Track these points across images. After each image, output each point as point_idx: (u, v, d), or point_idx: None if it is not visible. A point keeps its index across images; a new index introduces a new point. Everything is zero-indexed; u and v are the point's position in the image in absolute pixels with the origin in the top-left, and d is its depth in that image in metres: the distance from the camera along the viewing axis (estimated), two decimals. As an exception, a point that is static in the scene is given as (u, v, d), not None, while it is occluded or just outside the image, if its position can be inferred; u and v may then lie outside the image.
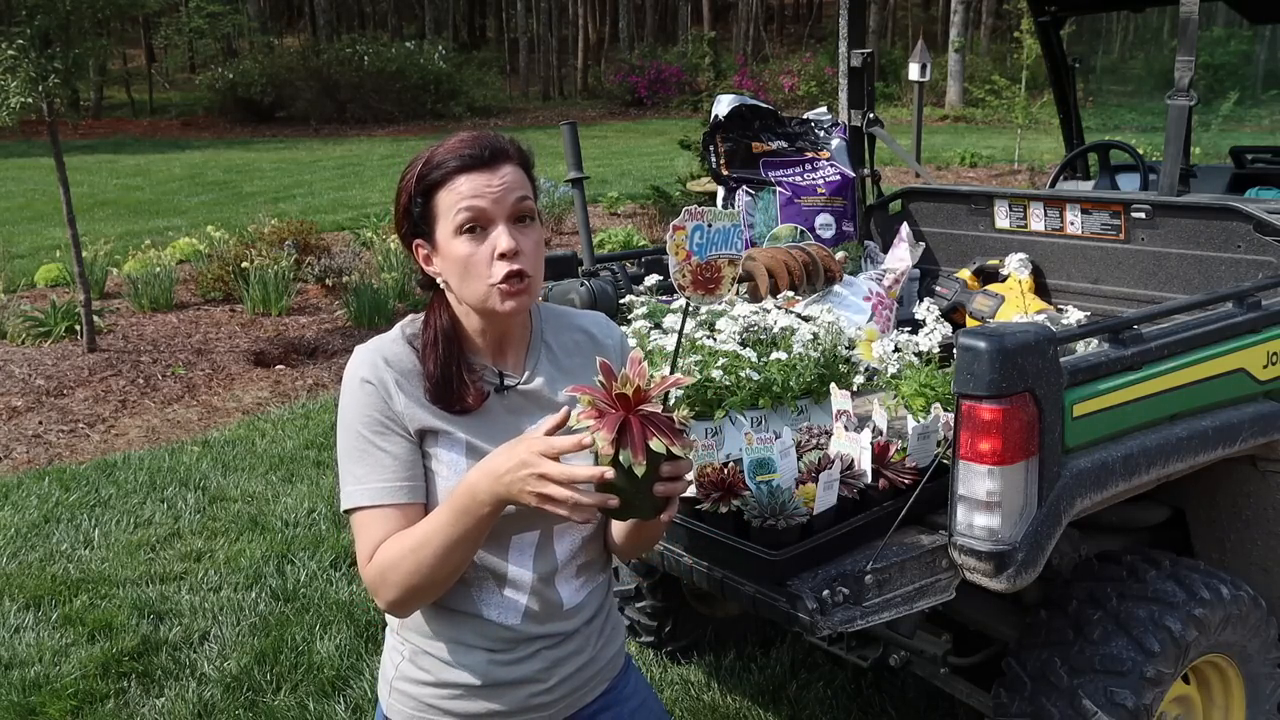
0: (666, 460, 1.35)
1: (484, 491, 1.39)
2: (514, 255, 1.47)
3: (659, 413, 1.35)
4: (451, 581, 1.49)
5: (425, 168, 1.50)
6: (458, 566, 1.46)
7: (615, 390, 1.35)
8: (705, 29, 29.06)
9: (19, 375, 6.57)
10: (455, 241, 1.48)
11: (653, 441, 1.33)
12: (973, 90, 18.66)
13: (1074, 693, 2.16)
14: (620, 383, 1.35)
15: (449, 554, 1.43)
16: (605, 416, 1.34)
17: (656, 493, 1.37)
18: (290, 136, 22.67)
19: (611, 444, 1.32)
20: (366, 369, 1.51)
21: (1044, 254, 3.33)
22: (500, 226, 1.48)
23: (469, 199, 1.46)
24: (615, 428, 1.32)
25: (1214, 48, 15.27)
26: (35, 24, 6.33)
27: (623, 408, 1.35)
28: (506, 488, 1.36)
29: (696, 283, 1.49)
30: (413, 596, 1.48)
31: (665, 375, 1.39)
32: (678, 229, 1.47)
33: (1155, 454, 2.14)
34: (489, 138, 1.51)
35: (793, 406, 2.53)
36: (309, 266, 8.53)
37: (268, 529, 4.43)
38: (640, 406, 1.34)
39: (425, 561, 1.44)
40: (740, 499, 2.00)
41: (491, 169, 1.48)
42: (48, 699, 3.24)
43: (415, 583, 1.45)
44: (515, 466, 1.35)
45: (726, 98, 3.65)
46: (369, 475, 1.49)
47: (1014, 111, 14.78)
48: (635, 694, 1.74)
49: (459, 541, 1.43)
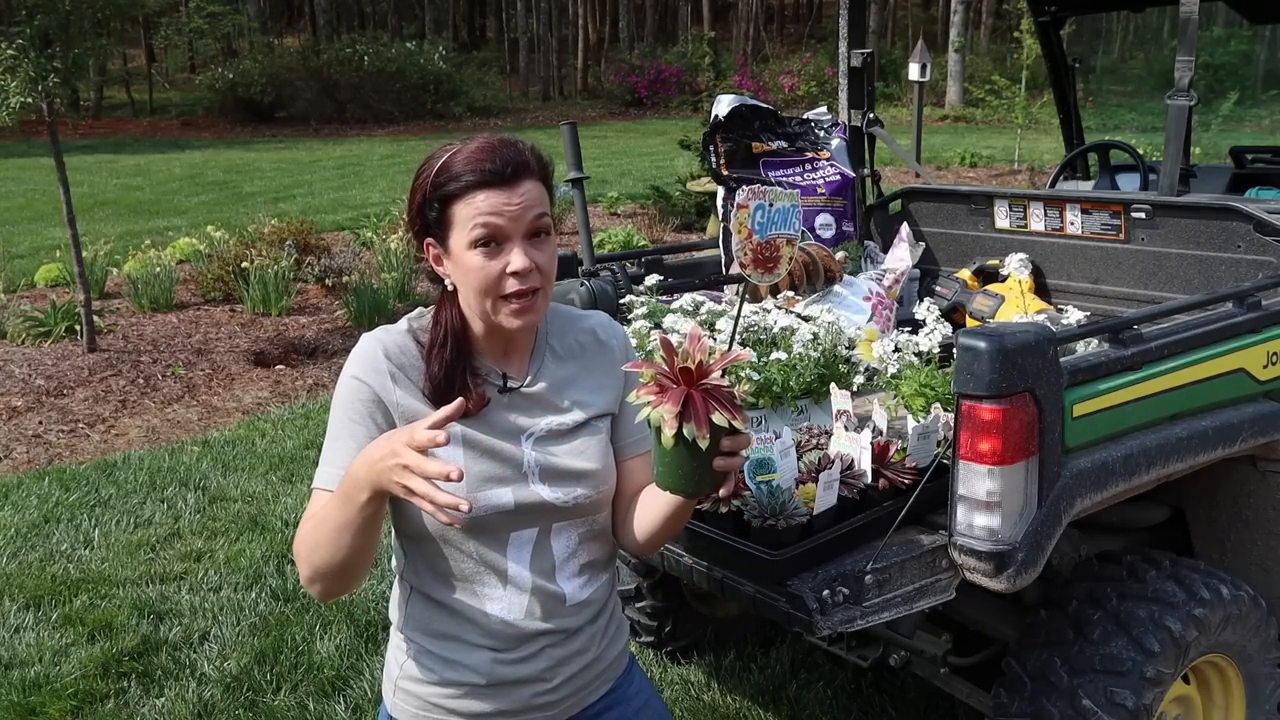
0: (727, 434, 1.36)
1: (361, 478, 1.37)
2: (527, 274, 1.47)
3: (721, 387, 1.35)
4: (350, 573, 1.45)
5: (443, 174, 1.48)
6: (353, 553, 1.42)
7: (678, 365, 1.35)
8: (705, 29, 29.07)
9: (19, 375, 6.57)
10: (469, 254, 1.47)
11: (715, 415, 1.33)
12: (973, 90, 18.66)
13: (1074, 693, 2.16)
14: (682, 357, 1.35)
15: (337, 535, 1.40)
16: (668, 391, 1.34)
17: (716, 467, 1.38)
18: (290, 136, 22.67)
19: (676, 418, 1.33)
20: (365, 361, 1.52)
21: (1044, 254, 3.33)
22: (515, 244, 1.47)
23: (486, 215, 1.45)
24: (680, 401, 1.33)
25: (1214, 48, 15.27)
26: (35, 24, 6.33)
27: (685, 382, 1.35)
28: (379, 475, 1.34)
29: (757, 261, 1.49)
30: (317, 574, 1.45)
31: (725, 350, 1.40)
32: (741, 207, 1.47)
33: (1155, 454, 2.14)
34: (511, 151, 1.48)
35: (793, 406, 2.53)
36: (309, 266, 8.53)
37: (268, 529, 4.43)
38: (703, 381, 1.35)
39: (321, 541, 1.42)
40: (740, 499, 1.99)
41: (512, 187, 1.46)
42: (48, 699, 3.24)
43: (315, 562, 1.44)
44: (386, 455, 1.33)
45: (726, 98, 3.65)
46: (332, 458, 1.50)
47: (1014, 111, 14.78)
48: (639, 694, 1.74)
49: (345, 526, 1.40)
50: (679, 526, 1.63)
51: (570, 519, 1.57)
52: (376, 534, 1.44)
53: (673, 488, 1.43)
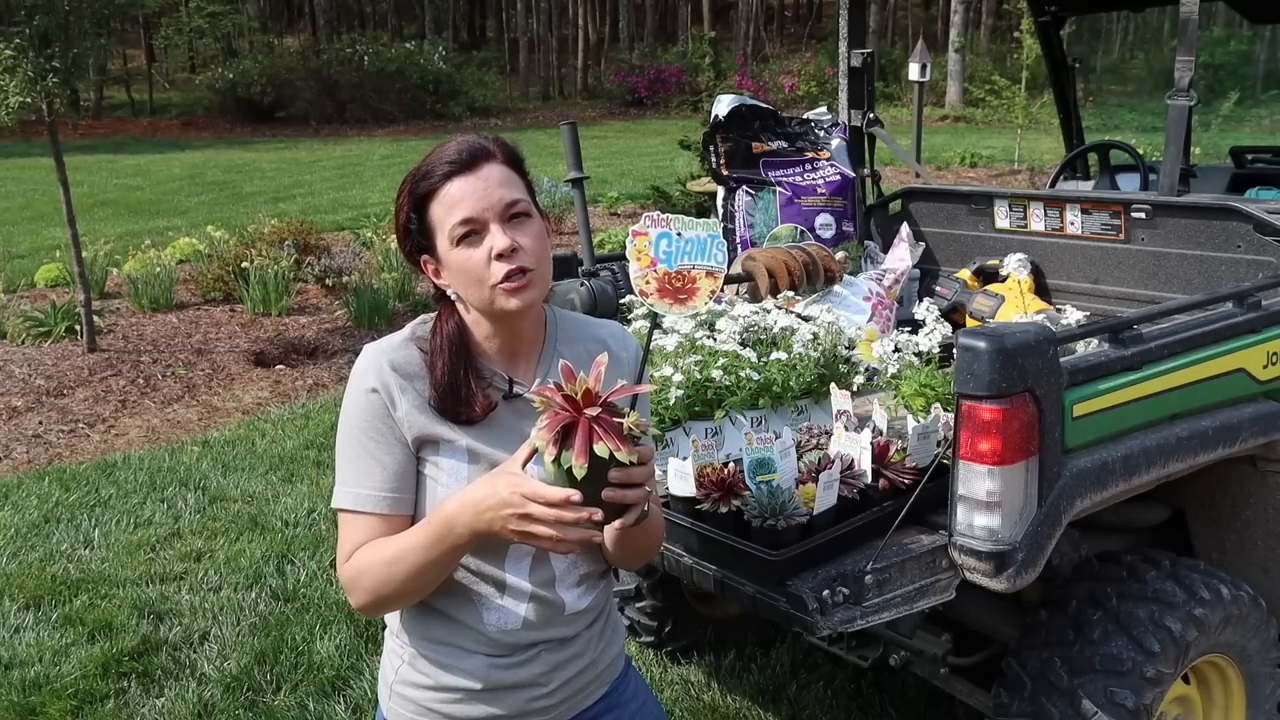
0: (614, 466, 1.34)
1: (462, 525, 1.40)
2: (511, 254, 1.47)
3: (607, 416, 1.33)
4: (422, 595, 1.51)
5: (413, 181, 1.51)
6: (429, 584, 1.49)
7: (565, 392, 1.34)
8: (705, 29, 29.08)
9: (19, 375, 6.57)
10: (454, 251, 1.48)
11: (597, 445, 1.31)
12: (973, 90, 18.65)
13: (1074, 693, 2.16)
14: (575, 385, 1.34)
15: (421, 574, 1.46)
16: (555, 416, 1.34)
17: (605, 498, 1.35)
18: (290, 136, 22.66)
19: (553, 444, 1.32)
20: (370, 375, 1.51)
21: (1044, 254, 3.33)
22: (494, 227, 1.47)
23: (458, 206, 1.47)
24: (556, 428, 1.32)
25: (1214, 48, 15.30)
26: (35, 24, 6.32)
27: (573, 410, 1.34)
28: (488, 524, 1.38)
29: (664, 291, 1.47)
30: (382, 603, 1.51)
31: (625, 383, 1.38)
32: (638, 235, 1.46)
33: (1155, 454, 2.14)
34: (469, 140, 1.52)
35: (793, 406, 2.53)
36: (309, 266, 8.53)
37: (268, 529, 4.43)
38: (588, 409, 1.33)
39: (397, 576, 1.46)
40: (740, 499, 2.00)
41: (474, 171, 1.48)
42: (48, 699, 3.24)
43: (385, 592, 1.49)
44: (497, 505, 1.36)
45: (726, 98, 3.65)
46: (357, 480, 1.51)
47: (1014, 111, 14.77)
48: (635, 697, 1.74)
49: (432, 564, 1.45)
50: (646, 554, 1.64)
51: None
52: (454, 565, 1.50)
53: None
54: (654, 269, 1.46)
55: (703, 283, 1.48)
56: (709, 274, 1.48)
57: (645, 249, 1.46)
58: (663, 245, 1.46)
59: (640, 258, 1.46)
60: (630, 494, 1.36)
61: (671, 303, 1.47)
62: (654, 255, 1.46)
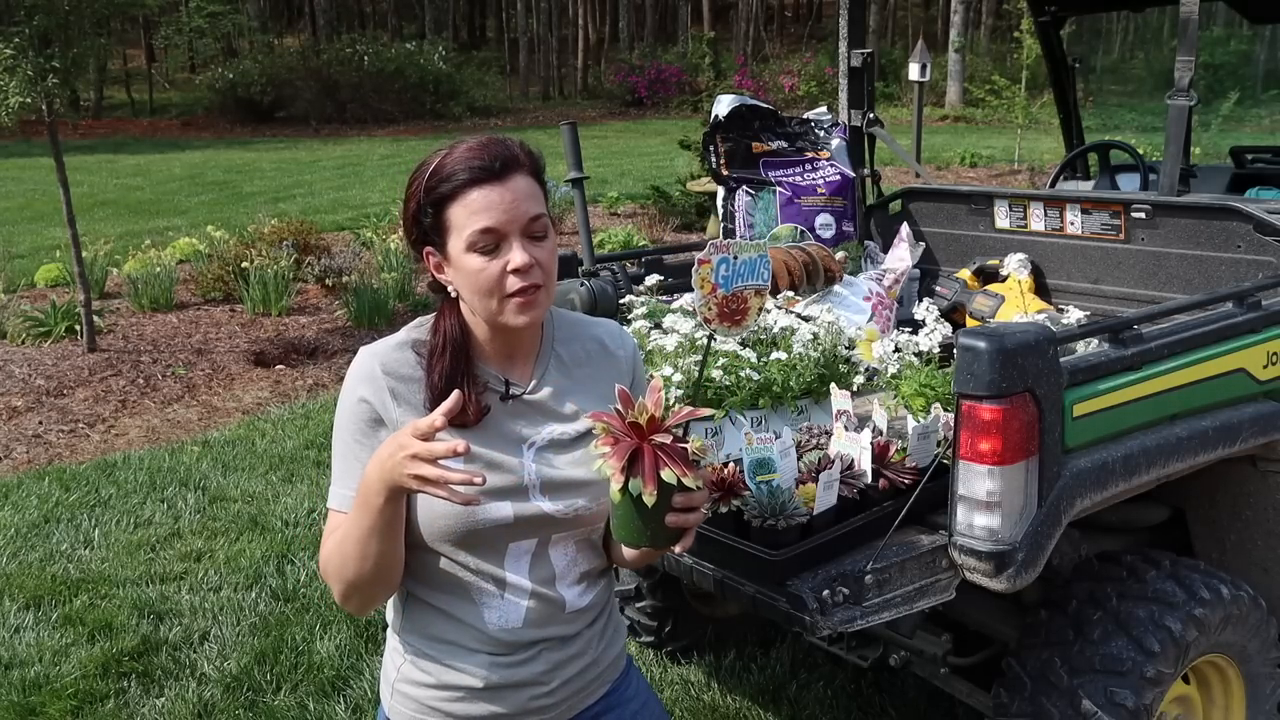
0: (678, 491, 1.35)
1: (374, 480, 1.39)
2: (528, 270, 1.46)
3: (672, 443, 1.34)
4: (385, 578, 1.48)
5: (435, 178, 1.47)
6: (380, 561, 1.45)
7: (630, 419, 1.34)
8: (705, 29, 29.10)
9: (19, 375, 6.57)
10: (468, 256, 1.46)
11: (664, 471, 1.32)
12: (973, 90, 18.64)
13: (1074, 693, 2.16)
14: (636, 411, 1.34)
15: (363, 545, 1.44)
16: (619, 444, 1.34)
17: (669, 523, 1.37)
18: (290, 136, 22.66)
19: (621, 472, 1.32)
20: (363, 384, 1.51)
21: (1044, 254, 3.33)
22: (514, 242, 1.46)
23: (481, 214, 1.44)
24: (625, 456, 1.32)
25: (1214, 48, 15.31)
26: (34, 23, 6.32)
27: (636, 436, 1.34)
28: (390, 473, 1.36)
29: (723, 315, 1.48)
30: (351, 590, 1.49)
31: (683, 407, 1.39)
32: (703, 263, 1.46)
33: (1155, 454, 2.14)
34: (499, 146, 1.48)
35: (793, 406, 2.53)
36: (309, 266, 8.53)
37: (268, 529, 4.43)
38: (654, 436, 1.34)
39: (348, 554, 1.45)
40: (740, 499, 1.99)
41: (503, 181, 1.45)
42: (48, 699, 3.24)
43: (348, 576, 1.47)
44: (393, 451, 1.35)
45: (726, 98, 3.65)
46: (342, 479, 1.52)
47: (1014, 111, 14.78)
48: (636, 696, 1.73)
49: (368, 534, 1.43)
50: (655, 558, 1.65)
51: (569, 530, 1.56)
52: (400, 537, 1.46)
53: (626, 540, 1.43)
54: (714, 295, 1.47)
55: (752, 301, 1.49)
56: (757, 292, 1.49)
57: (708, 276, 1.46)
58: (722, 270, 1.47)
59: (704, 285, 1.46)
60: (691, 518, 1.38)
61: (730, 325, 1.49)
62: (715, 281, 1.46)
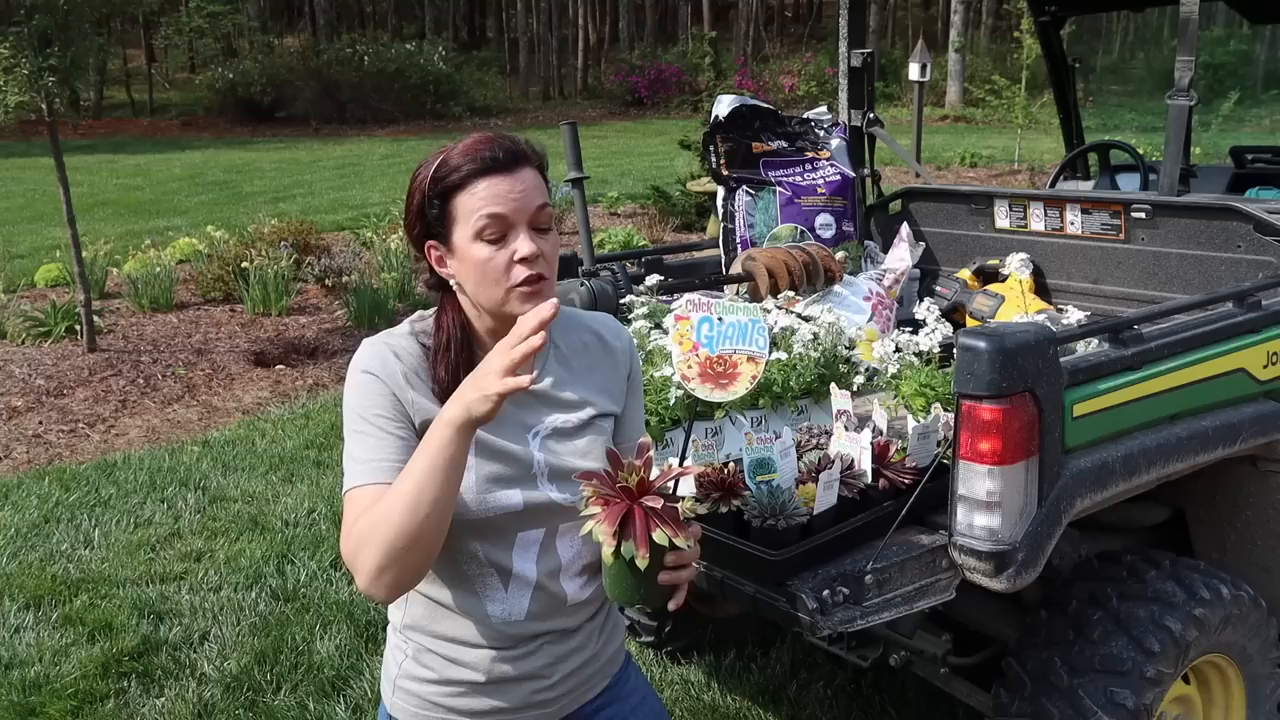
0: (670, 550, 1.35)
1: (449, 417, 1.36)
2: (535, 260, 1.47)
3: (662, 505, 1.34)
4: (429, 540, 1.37)
5: (442, 169, 1.48)
6: (433, 510, 1.36)
7: (620, 482, 1.35)
8: (705, 29, 29.05)
9: (19, 375, 6.57)
10: (474, 246, 1.47)
11: (655, 533, 1.32)
12: (973, 90, 18.65)
13: (1074, 693, 2.16)
14: (626, 473, 1.34)
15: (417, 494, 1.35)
16: (610, 506, 1.34)
17: (661, 582, 1.38)
18: (290, 136, 22.67)
19: (613, 535, 1.33)
20: (375, 361, 1.50)
21: (1044, 254, 3.33)
22: (521, 232, 1.47)
23: (490, 204, 1.45)
24: (617, 519, 1.33)
25: (1214, 48, 15.31)
26: (34, 23, 6.32)
27: (627, 499, 1.34)
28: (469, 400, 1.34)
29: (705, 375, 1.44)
30: (392, 559, 1.36)
31: (672, 465, 1.39)
32: (680, 319, 1.43)
33: (1155, 454, 2.14)
34: (506, 140, 1.50)
35: (793, 406, 2.53)
36: (309, 266, 8.53)
37: (268, 529, 4.43)
38: (644, 498, 1.34)
39: (395, 510, 1.36)
40: (740, 499, 1.99)
41: (511, 173, 1.47)
42: (48, 699, 3.24)
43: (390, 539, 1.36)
44: (472, 386, 1.35)
45: (726, 98, 3.65)
46: (368, 454, 1.46)
47: (1014, 111, 14.78)
48: (635, 692, 1.74)
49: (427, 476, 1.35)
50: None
51: (576, 519, 1.57)
52: (456, 489, 1.39)
53: (619, 600, 1.43)
54: (696, 353, 1.44)
55: (744, 368, 1.45)
56: (750, 359, 1.45)
57: (688, 333, 1.44)
58: (704, 330, 1.44)
59: (683, 342, 1.43)
60: (684, 574, 1.40)
61: (713, 387, 1.44)
62: (695, 340, 1.44)
